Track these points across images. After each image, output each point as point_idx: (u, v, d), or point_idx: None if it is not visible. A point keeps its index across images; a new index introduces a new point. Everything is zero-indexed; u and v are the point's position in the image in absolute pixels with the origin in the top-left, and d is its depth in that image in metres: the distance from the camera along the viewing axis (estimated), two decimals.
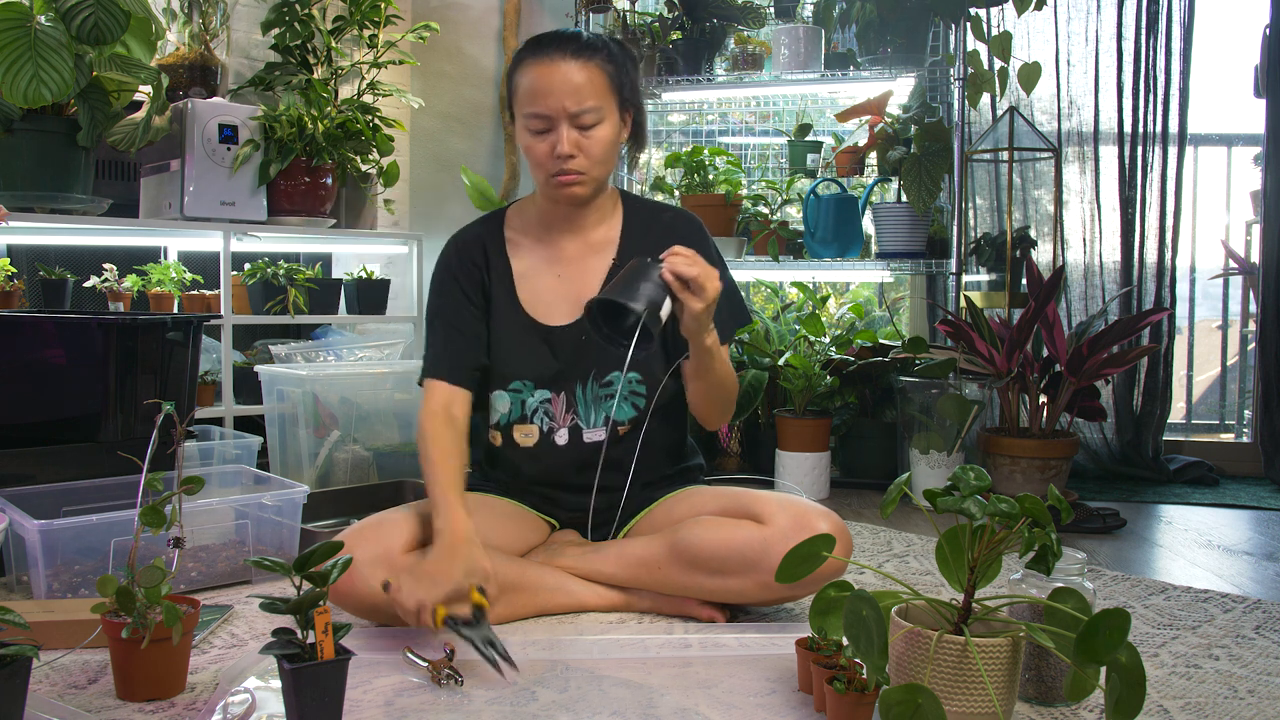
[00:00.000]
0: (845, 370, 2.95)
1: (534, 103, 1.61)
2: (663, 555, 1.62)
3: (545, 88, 1.60)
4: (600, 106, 1.62)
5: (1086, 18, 3.24)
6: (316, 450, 2.55)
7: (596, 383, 1.73)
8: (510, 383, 1.74)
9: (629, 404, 1.73)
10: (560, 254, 1.77)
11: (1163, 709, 1.32)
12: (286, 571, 1.14)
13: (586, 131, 1.62)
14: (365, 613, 1.52)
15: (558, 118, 1.60)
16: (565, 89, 1.59)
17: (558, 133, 1.61)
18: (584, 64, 1.61)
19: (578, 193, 1.67)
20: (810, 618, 1.28)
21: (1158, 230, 3.23)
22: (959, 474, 1.18)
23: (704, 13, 3.16)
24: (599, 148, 1.64)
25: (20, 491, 1.82)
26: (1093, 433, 3.26)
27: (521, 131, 1.66)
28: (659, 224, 1.79)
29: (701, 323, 1.54)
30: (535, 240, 1.79)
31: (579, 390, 1.73)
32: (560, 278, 1.76)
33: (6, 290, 2.51)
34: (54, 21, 2.16)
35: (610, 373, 1.72)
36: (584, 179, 1.65)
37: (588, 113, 1.61)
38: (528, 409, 1.73)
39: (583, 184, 1.66)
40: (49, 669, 1.39)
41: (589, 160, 1.64)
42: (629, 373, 1.72)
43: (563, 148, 1.60)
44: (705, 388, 1.68)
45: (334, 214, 3.02)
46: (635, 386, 1.73)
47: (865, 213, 3.17)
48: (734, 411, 1.78)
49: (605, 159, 1.67)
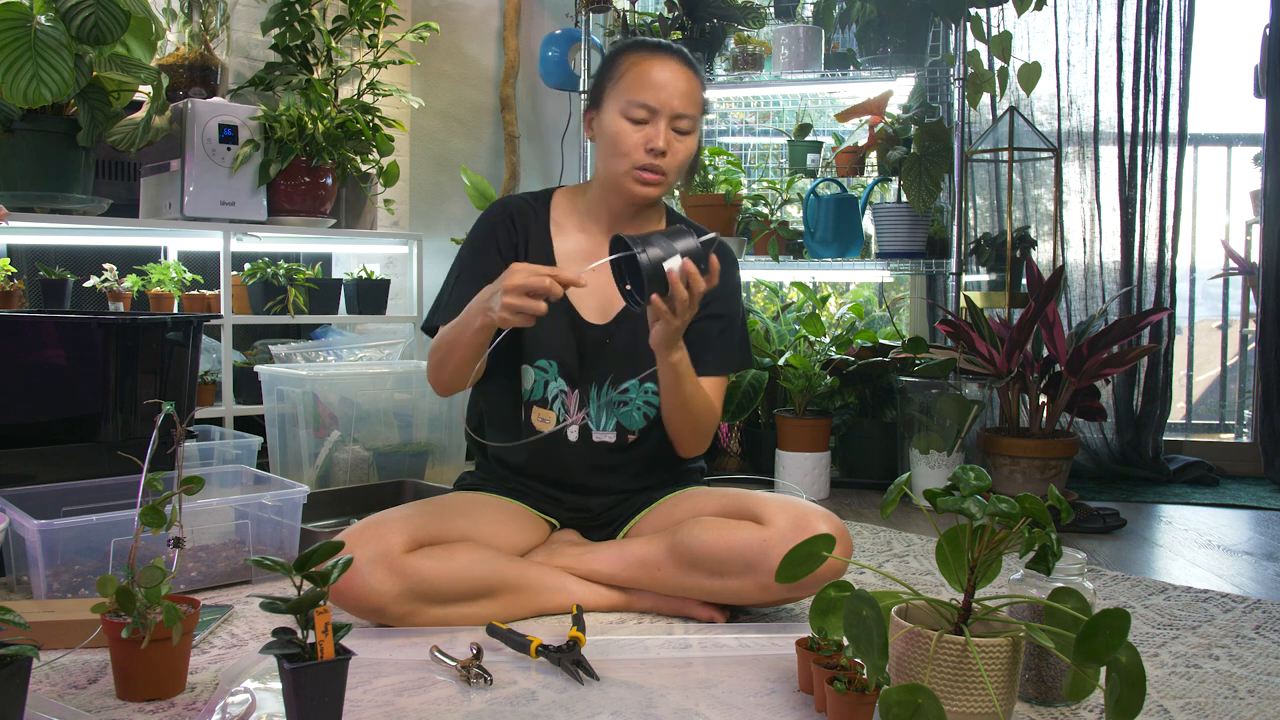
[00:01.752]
0: (845, 370, 2.95)
1: (643, 91, 1.63)
2: (662, 555, 1.62)
3: (660, 81, 1.63)
4: (696, 117, 1.68)
5: (1086, 18, 3.25)
6: (316, 450, 2.55)
7: (613, 388, 1.73)
8: (537, 359, 1.73)
9: (641, 413, 1.74)
10: (600, 251, 1.76)
11: (1163, 709, 1.32)
12: (286, 571, 1.14)
13: (680, 137, 1.66)
14: (365, 613, 1.52)
15: (662, 113, 1.64)
16: (676, 89, 1.64)
17: (656, 127, 1.64)
18: (692, 75, 1.68)
19: (651, 193, 1.68)
20: (810, 618, 1.28)
21: (1158, 230, 3.23)
22: (959, 474, 1.18)
23: (704, 13, 3.16)
24: (684, 155, 1.68)
25: (20, 491, 1.82)
26: (1093, 433, 3.26)
27: (615, 117, 1.66)
28: None
29: (673, 333, 1.53)
30: (579, 230, 1.79)
31: (593, 391, 1.73)
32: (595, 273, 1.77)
33: (6, 290, 2.51)
34: (54, 21, 2.16)
35: (627, 380, 1.73)
36: (663, 181, 1.68)
37: (686, 118, 1.66)
38: (549, 393, 1.73)
39: (659, 185, 1.68)
40: (49, 669, 1.39)
41: (674, 163, 1.67)
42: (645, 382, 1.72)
43: (658, 142, 1.63)
44: (673, 405, 1.67)
45: (334, 214, 3.02)
46: (650, 397, 1.74)
47: (865, 213, 3.17)
48: (708, 444, 1.77)
49: (683, 169, 1.70)
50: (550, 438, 1.73)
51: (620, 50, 1.71)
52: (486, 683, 1.34)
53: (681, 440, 1.74)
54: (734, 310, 1.80)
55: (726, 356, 1.77)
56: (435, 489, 2.20)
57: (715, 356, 1.75)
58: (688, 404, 1.66)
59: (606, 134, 1.68)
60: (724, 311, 1.78)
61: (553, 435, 1.73)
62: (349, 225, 3.18)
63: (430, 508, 1.64)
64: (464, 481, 1.87)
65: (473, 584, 1.56)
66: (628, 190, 1.68)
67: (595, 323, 1.74)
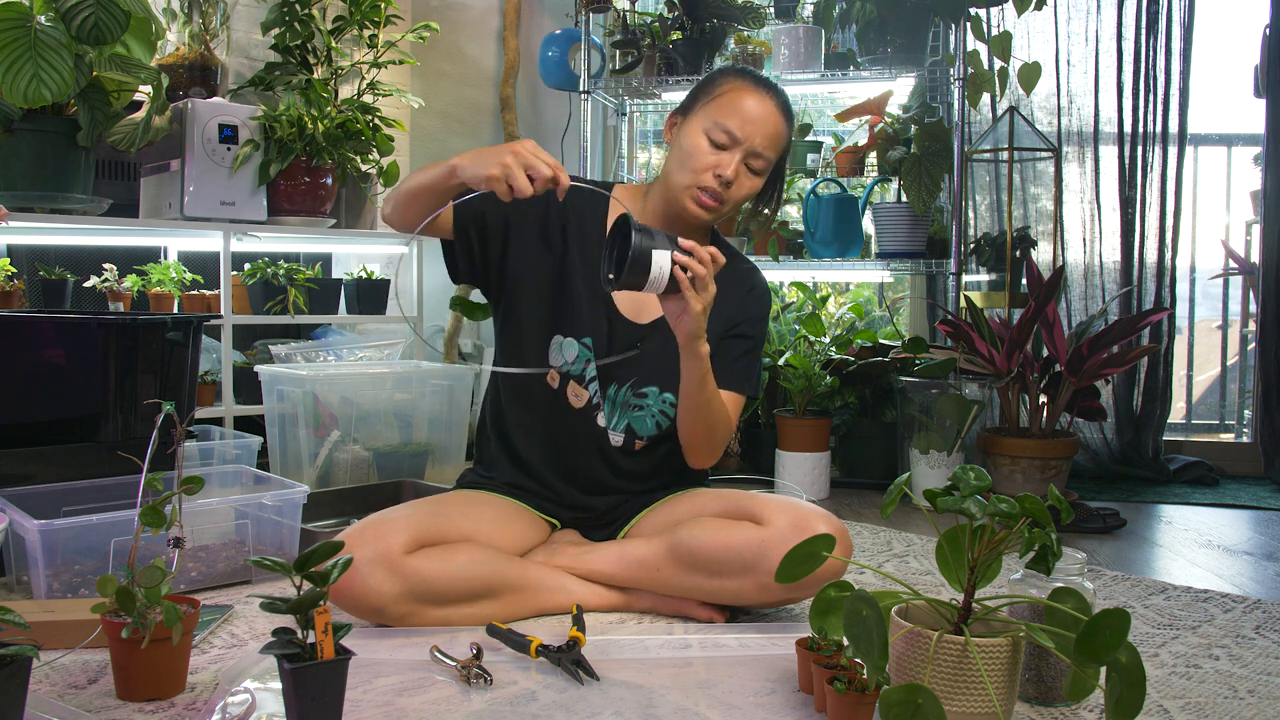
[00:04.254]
0: (845, 370, 2.95)
1: (733, 118, 1.65)
2: (662, 556, 1.62)
3: (753, 115, 1.65)
4: (771, 162, 1.70)
5: (1086, 18, 3.25)
6: (316, 450, 2.55)
7: (631, 391, 1.73)
8: (583, 336, 1.73)
9: (654, 421, 1.74)
10: None
11: (1163, 709, 1.32)
12: (286, 571, 1.14)
13: (749, 173, 1.68)
14: (365, 613, 1.52)
15: (743, 144, 1.65)
16: (765, 128, 1.66)
17: (732, 155, 1.65)
18: (783, 121, 1.70)
19: (703, 216, 1.69)
20: (810, 618, 1.28)
21: (1158, 230, 3.23)
22: (959, 474, 1.18)
23: (704, 13, 3.16)
24: (746, 191, 1.70)
25: (20, 491, 1.82)
26: (1093, 433, 3.26)
27: (697, 132, 1.67)
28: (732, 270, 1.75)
29: (697, 324, 1.51)
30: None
31: (612, 389, 1.73)
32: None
33: (6, 290, 2.51)
34: (54, 21, 2.16)
35: (649, 386, 1.73)
36: (719, 210, 1.68)
37: (762, 158, 1.67)
38: (587, 374, 1.73)
39: (714, 212, 1.69)
40: (49, 669, 1.39)
41: (735, 195, 1.68)
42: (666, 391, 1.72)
43: (727, 172, 1.64)
44: (692, 407, 1.63)
45: (334, 214, 3.02)
46: (667, 408, 1.74)
47: (865, 213, 3.17)
48: (718, 457, 1.75)
49: (741, 203, 1.72)
50: (582, 412, 1.72)
51: (726, 71, 1.73)
52: (486, 683, 1.34)
53: (695, 447, 1.71)
54: (759, 337, 1.81)
55: (746, 376, 1.77)
56: (435, 489, 2.20)
57: (736, 373, 1.75)
58: (708, 406, 1.64)
59: (684, 145, 1.68)
60: (751, 334, 1.79)
61: (585, 411, 1.72)
62: (349, 225, 3.18)
63: (430, 507, 1.63)
64: (465, 479, 1.87)
65: (473, 584, 1.55)
66: (682, 205, 1.69)
67: (631, 320, 1.75)
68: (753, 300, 1.81)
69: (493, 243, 1.73)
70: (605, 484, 1.77)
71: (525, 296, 1.75)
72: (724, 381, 1.71)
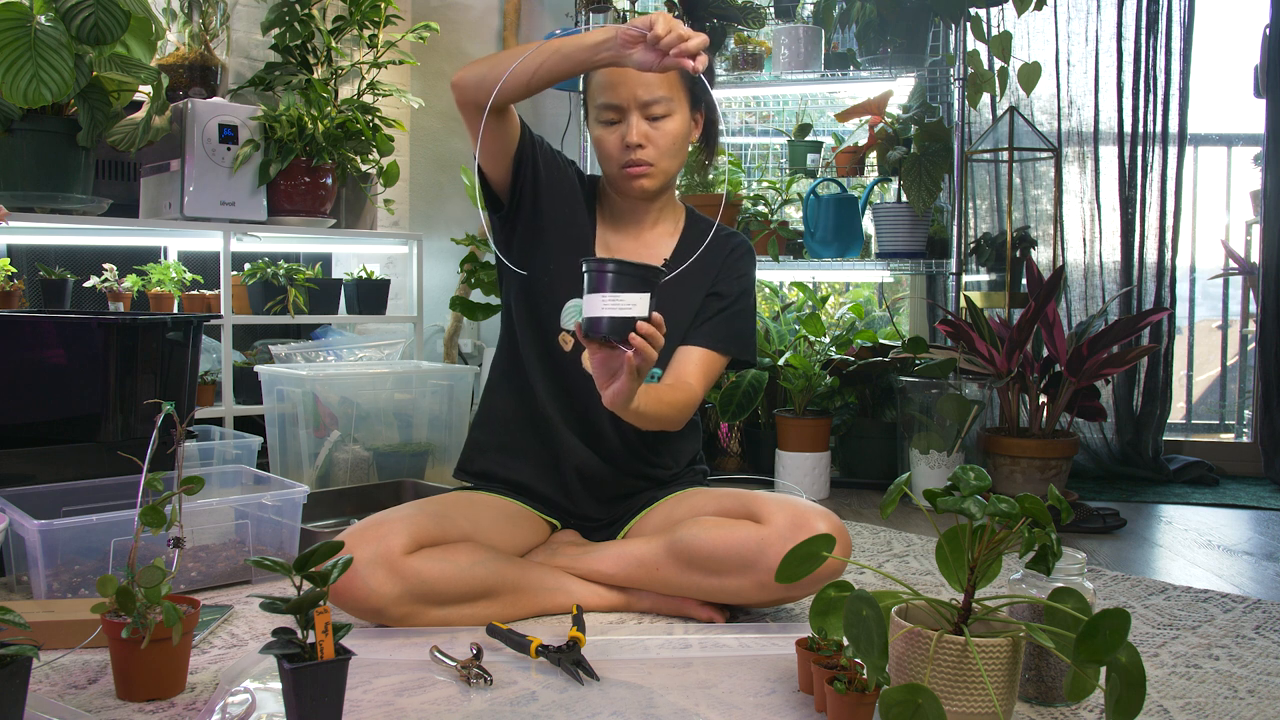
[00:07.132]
0: (845, 370, 2.95)
1: (606, 92, 1.64)
2: (661, 555, 1.62)
3: (619, 78, 1.63)
4: (670, 99, 1.65)
5: (1086, 18, 3.25)
6: (316, 450, 2.55)
7: None
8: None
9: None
10: (617, 250, 1.78)
11: (1163, 709, 1.32)
12: (286, 571, 1.14)
13: (656, 123, 1.65)
14: (365, 613, 1.52)
15: (628, 108, 1.63)
16: (636, 78, 1.62)
17: (627, 123, 1.64)
18: None
19: (645, 185, 1.68)
20: (810, 618, 1.28)
21: (1158, 230, 3.23)
22: (959, 474, 1.18)
23: (704, 13, 3.16)
24: (667, 140, 1.66)
25: (20, 491, 1.82)
26: (1093, 433, 3.26)
27: (594, 124, 1.69)
28: (717, 241, 1.74)
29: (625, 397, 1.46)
30: (611, 219, 1.80)
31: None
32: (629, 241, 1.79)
33: (6, 290, 2.51)
34: (54, 21, 2.16)
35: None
36: (652, 171, 1.67)
37: (658, 103, 1.64)
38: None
39: (651, 176, 1.67)
40: (49, 669, 1.39)
41: (657, 151, 1.66)
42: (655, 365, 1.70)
43: (631, 137, 1.63)
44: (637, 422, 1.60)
45: (334, 214, 3.02)
46: (654, 382, 1.72)
47: (865, 213, 3.17)
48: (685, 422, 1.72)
49: (673, 152, 1.68)
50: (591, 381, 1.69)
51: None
52: (486, 683, 1.34)
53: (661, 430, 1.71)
54: (736, 294, 1.78)
55: (718, 333, 1.73)
56: (435, 489, 2.20)
57: (708, 330, 1.72)
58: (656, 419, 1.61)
59: (594, 144, 1.71)
60: (725, 291, 1.76)
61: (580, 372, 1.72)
62: (349, 225, 3.18)
63: (430, 508, 1.63)
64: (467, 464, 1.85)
65: (473, 585, 1.55)
66: (624, 188, 1.70)
67: None
68: (734, 260, 1.79)
69: (544, 174, 1.73)
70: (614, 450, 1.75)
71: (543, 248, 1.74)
72: (692, 339, 1.71)
